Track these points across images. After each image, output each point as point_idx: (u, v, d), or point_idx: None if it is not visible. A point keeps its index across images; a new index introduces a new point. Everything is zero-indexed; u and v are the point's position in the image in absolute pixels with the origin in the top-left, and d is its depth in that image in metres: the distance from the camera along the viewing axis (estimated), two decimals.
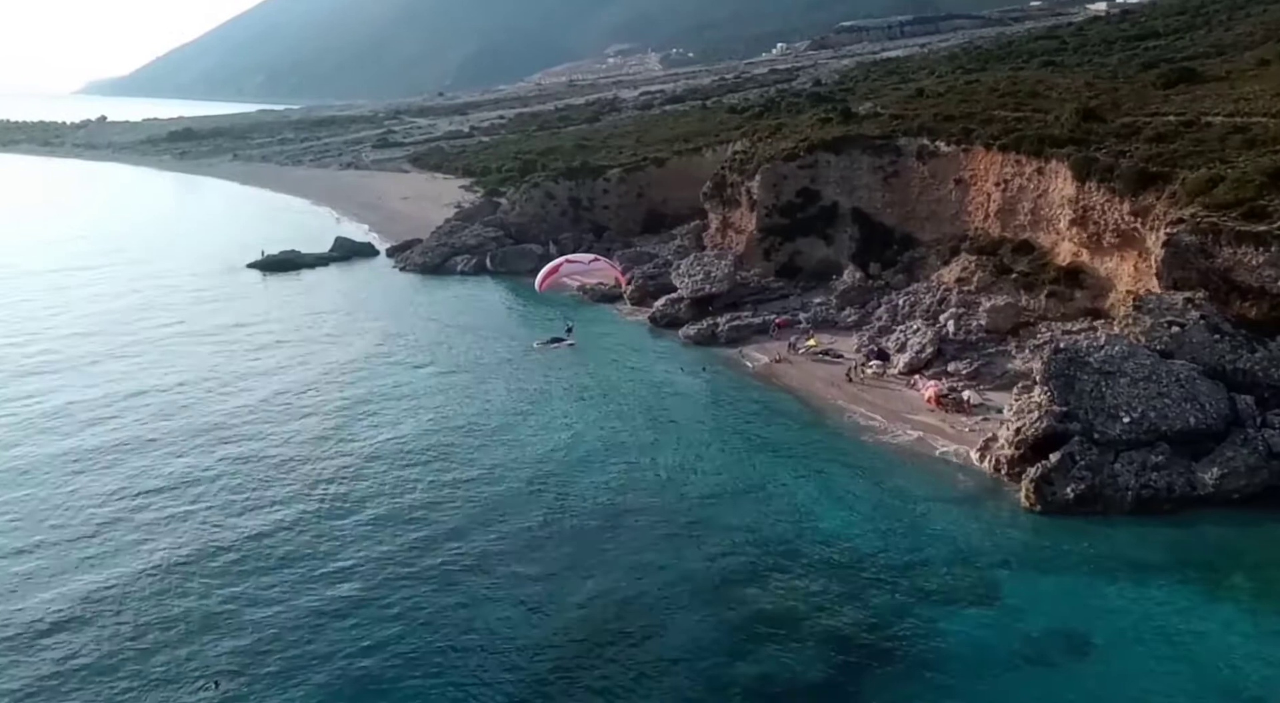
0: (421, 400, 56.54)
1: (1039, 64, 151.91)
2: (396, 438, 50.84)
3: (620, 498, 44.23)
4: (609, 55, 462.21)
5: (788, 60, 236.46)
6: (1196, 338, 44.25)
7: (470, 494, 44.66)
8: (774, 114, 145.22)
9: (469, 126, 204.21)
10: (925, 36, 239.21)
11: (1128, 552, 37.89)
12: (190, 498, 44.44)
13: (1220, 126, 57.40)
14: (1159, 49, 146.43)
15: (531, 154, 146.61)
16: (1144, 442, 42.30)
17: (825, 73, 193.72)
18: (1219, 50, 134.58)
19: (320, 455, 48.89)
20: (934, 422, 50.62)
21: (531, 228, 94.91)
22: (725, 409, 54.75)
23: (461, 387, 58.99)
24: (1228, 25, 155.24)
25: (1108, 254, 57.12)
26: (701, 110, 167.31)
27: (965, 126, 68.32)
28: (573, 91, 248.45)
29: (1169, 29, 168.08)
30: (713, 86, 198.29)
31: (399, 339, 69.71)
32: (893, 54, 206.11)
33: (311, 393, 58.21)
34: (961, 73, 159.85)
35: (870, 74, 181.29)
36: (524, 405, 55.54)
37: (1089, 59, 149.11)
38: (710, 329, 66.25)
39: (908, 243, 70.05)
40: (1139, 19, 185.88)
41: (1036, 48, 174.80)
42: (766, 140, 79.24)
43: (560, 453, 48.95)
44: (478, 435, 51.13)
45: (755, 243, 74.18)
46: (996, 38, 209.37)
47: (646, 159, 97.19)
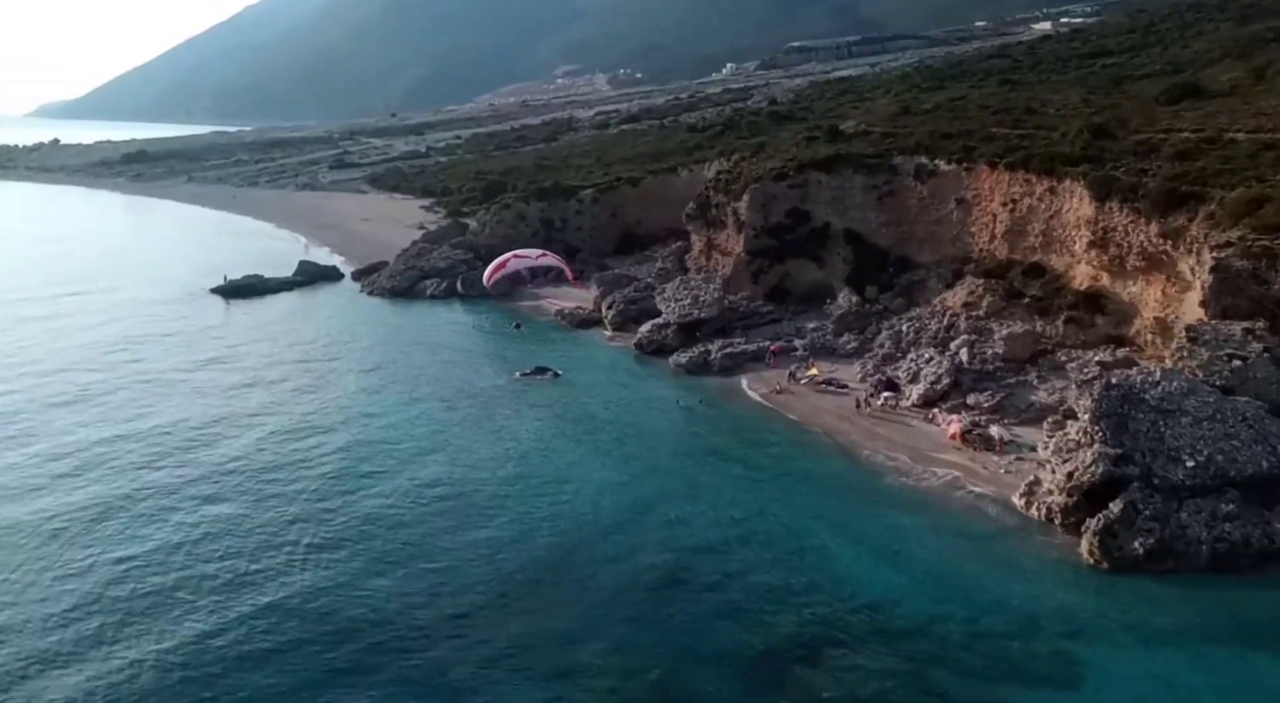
0: (409, 447, 49.37)
1: (996, 82, 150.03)
2: (396, 495, 43.73)
3: (637, 563, 37.96)
4: (558, 76, 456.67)
5: (740, 80, 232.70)
6: (1261, 373, 39.37)
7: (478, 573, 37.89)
8: (735, 132, 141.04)
9: (425, 147, 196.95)
10: (874, 56, 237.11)
11: (1214, 619, 32.51)
12: (175, 578, 36.91)
13: (1247, 143, 53.10)
14: (1115, 67, 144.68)
15: (492, 174, 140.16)
16: (1210, 488, 37.11)
17: (779, 92, 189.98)
18: (1176, 68, 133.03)
19: (316, 515, 41.78)
20: (963, 461, 45.16)
21: (503, 249, 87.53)
22: (733, 450, 48.66)
23: (445, 428, 52.10)
24: (1183, 43, 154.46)
25: (1131, 278, 52.40)
26: (660, 129, 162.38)
27: (965, 144, 63.51)
28: (527, 112, 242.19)
29: (1121, 47, 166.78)
30: (668, 106, 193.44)
31: (374, 373, 62.60)
32: (844, 73, 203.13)
33: (296, 441, 50.44)
34: (917, 91, 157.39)
35: (825, 93, 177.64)
36: (517, 449, 48.81)
37: (1046, 78, 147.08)
38: (702, 357, 60.37)
39: (904, 265, 64.96)
40: (1090, 38, 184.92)
41: (990, 67, 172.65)
42: (751, 159, 73.72)
43: (567, 509, 42.49)
44: (472, 491, 44.15)
45: (743, 265, 68.58)
46: (946, 57, 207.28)
47: (620, 179, 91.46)
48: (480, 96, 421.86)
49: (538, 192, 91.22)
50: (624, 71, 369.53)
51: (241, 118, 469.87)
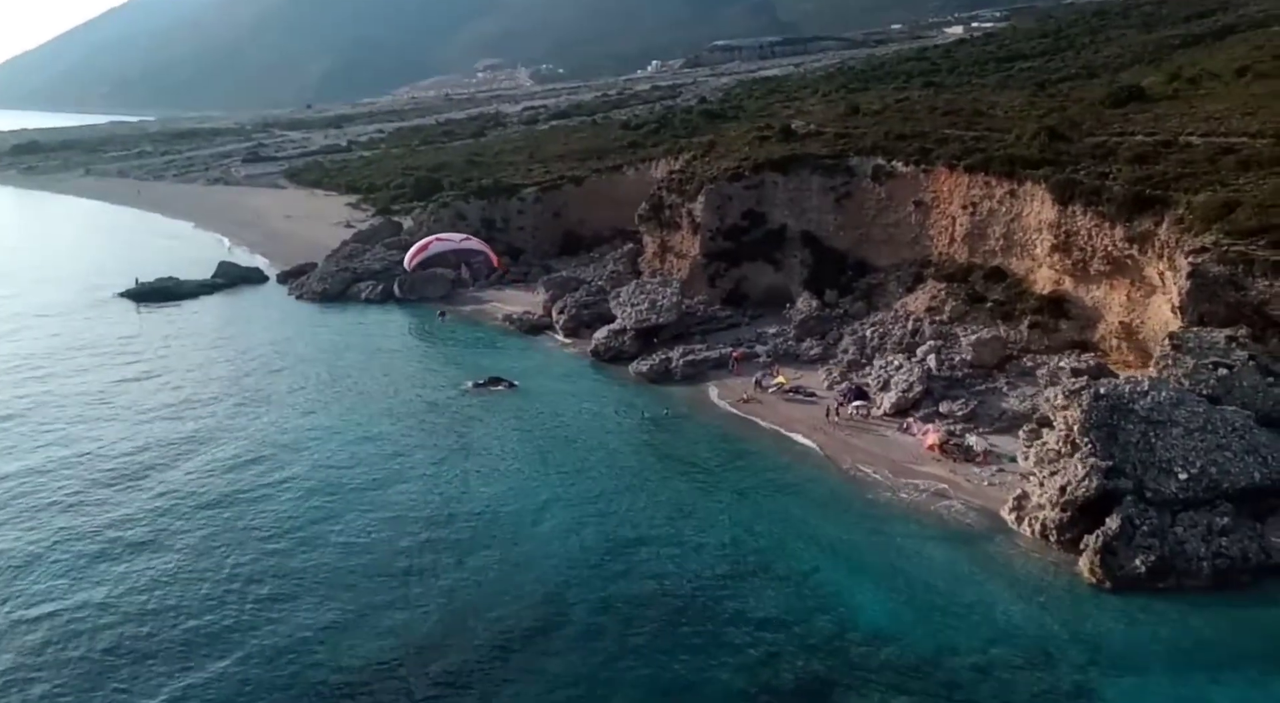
0: (361, 474, 45.65)
1: (920, 84, 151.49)
2: (355, 532, 40.18)
3: (625, 594, 35.49)
4: (478, 70, 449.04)
5: (667, 77, 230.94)
6: (1247, 381, 38.80)
7: (441, 610, 34.98)
8: (669, 130, 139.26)
9: (346, 140, 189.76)
10: (796, 57, 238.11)
11: (1226, 641, 31.41)
12: (104, 647, 32.84)
13: (1203, 147, 52.99)
14: (1032, 70, 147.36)
15: (421, 170, 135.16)
16: (1203, 500, 36.33)
17: (707, 90, 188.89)
18: (1090, 72, 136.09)
19: (264, 560, 37.94)
20: (945, 473, 43.78)
21: None
22: (709, 465, 46.40)
23: (398, 450, 48.52)
24: (1095, 48, 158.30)
25: (1095, 282, 51.86)
26: (592, 126, 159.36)
27: (922, 145, 62.46)
28: (450, 106, 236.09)
29: (1035, 51, 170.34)
30: (597, 102, 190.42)
31: (314, 387, 58.33)
32: (770, 73, 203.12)
33: (235, 472, 46.07)
34: (844, 92, 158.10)
35: (753, 92, 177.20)
36: (480, 472, 45.72)
37: (967, 80, 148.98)
38: (664, 365, 57.98)
39: (862, 268, 63.67)
40: (1004, 42, 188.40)
41: (910, 69, 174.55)
42: (703, 159, 71.57)
43: (543, 538, 39.71)
44: (437, 525, 40.83)
45: (699, 268, 66.43)
46: (867, 59, 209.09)
47: (563, 177, 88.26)
48: (398, 89, 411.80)
49: (478, 190, 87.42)
50: (546, 66, 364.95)
51: (141, 107, 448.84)
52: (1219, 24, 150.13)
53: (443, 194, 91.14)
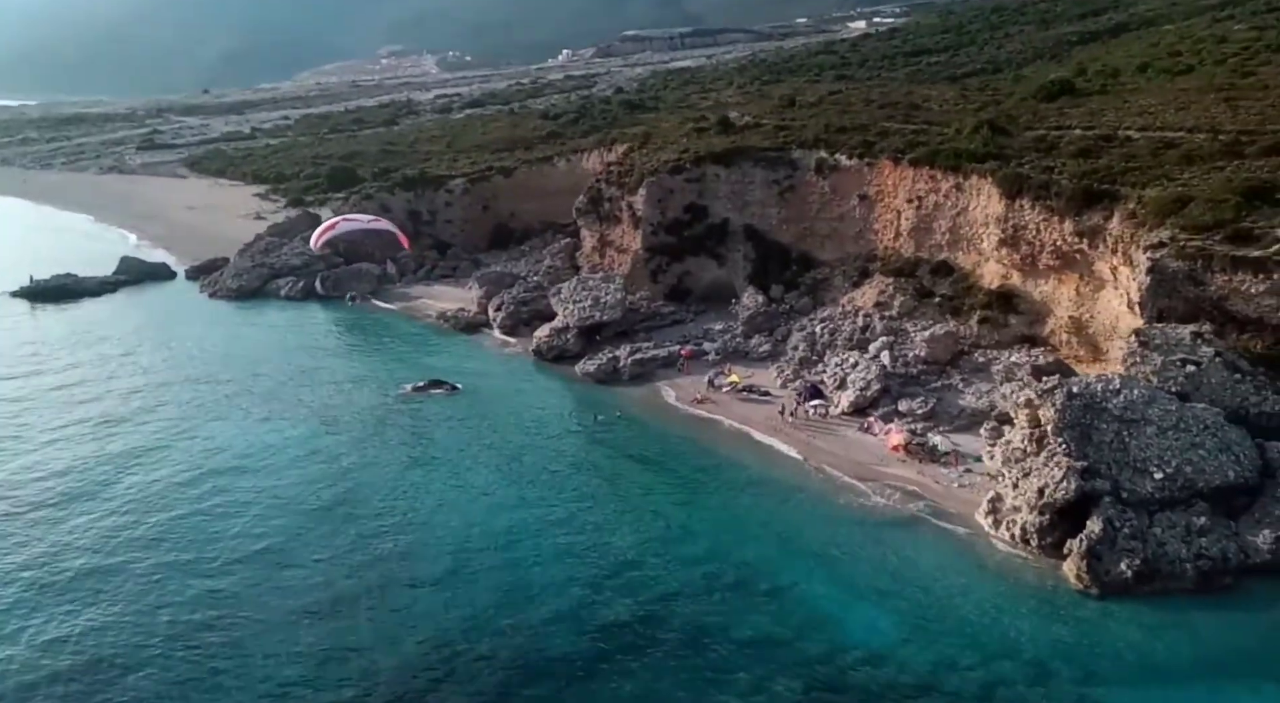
0: (302, 493, 41.63)
1: (833, 77, 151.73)
2: (307, 564, 36.30)
3: (599, 618, 32.84)
4: (382, 56, 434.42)
5: (579, 67, 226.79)
6: (1215, 378, 38.12)
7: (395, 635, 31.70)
8: (588, 120, 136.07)
9: (250, 127, 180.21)
10: (706, 48, 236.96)
11: (1220, 646, 30.49)
12: None
13: (1144, 141, 52.68)
14: (939, 65, 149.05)
15: (333, 159, 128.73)
16: (1178, 500, 35.59)
17: (622, 80, 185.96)
18: (995, 67, 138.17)
19: (204, 603, 33.80)
20: (913, 475, 42.25)
21: (365, 244, 79.59)
22: (671, 472, 43.88)
23: (337, 461, 44.62)
24: (997, 44, 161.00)
25: (1043, 277, 51.05)
26: (509, 115, 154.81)
27: (864, 139, 60.95)
28: (358, 92, 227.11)
29: (939, 46, 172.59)
30: (511, 91, 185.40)
31: (239, 396, 53.70)
32: (683, 64, 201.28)
33: (161, 499, 41.32)
34: (759, 84, 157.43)
35: (668, 83, 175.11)
36: (427, 484, 42.31)
37: (877, 74, 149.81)
38: (611, 365, 55.20)
39: (807, 263, 61.91)
40: (908, 37, 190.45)
41: (822, 62, 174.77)
42: (641, 150, 68.78)
43: (504, 557, 36.62)
44: (387, 545, 37.39)
45: (641, 263, 63.74)
46: (776, 52, 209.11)
47: (492, 169, 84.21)
48: (298, 74, 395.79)
49: (403, 181, 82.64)
50: (453, 54, 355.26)
51: (20, 91, 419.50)
52: (1112, 22, 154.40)
53: (365, 185, 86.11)
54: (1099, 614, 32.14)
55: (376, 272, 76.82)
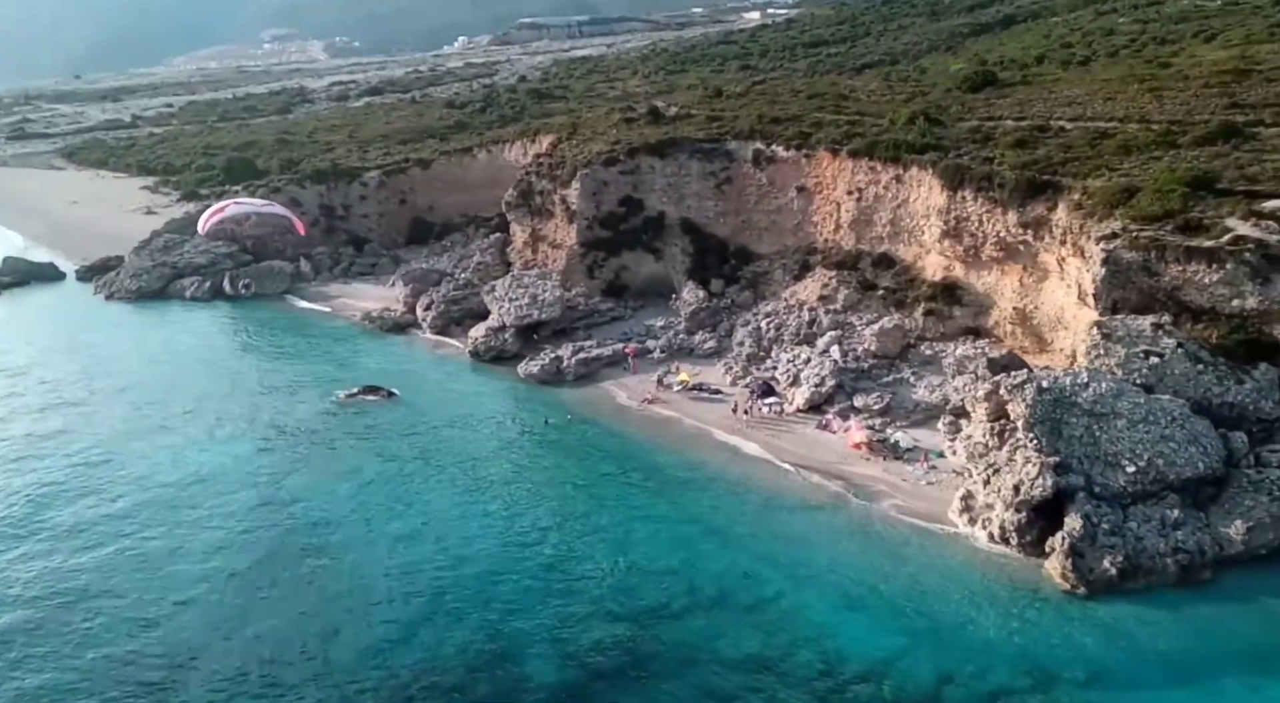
0: (220, 514, 37.69)
1: (736, 68, 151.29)
2: (239, 591, 32.73)
3: (579, 642, 30.37)
4: (265, 41, 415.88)
5: (477, 55, 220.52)
6: (1178, 369, 37.88)
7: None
8: (495, 109, 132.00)
9: (131, 115, 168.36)
10: (604, 37, 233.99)
11: (1212, 643, 29.88)
12: None
13: (1077, 132, 52.67)
14: (839, 56, 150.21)
15: (227, 149, 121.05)
16: (1150, 493, 35.27)
17: (524, 68, 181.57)
18: (893, 58, 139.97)
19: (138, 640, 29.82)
20: (878, 473, 41.03)
21: (275, 241, 74.33)
22: (632, 478, 41.48)
23: (271, 478, 40.69)
24: (893, 35, 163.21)
25: (986, 268, 50.56)
26: (411, 103, 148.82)
27: (800, 130, 59.52)
28: (245, 79, 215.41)
29: (836, 38, 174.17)
30: (410, 79, 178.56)
31: (151, 406, 48.97)
32: (584, 53, 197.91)
33: (79, 536, 36.72)
34: (664, 73, 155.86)
35: (572, 71, 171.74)
36: (374, 499, 38.85)
37: (780, 64, 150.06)
38: (555, 365, 52.43)
39: (746, 256, 60.26)
40: (804, 28, 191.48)
41: (724, 52, 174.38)
42: (570, 141, 65.82)
43: (466, 578, 33.69)
44: (333, 569, 34.04)
45: (577, 259, 60.96)
46: (676, 41, 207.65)
47: (409, 160, 79.65)
48: (173, 59, 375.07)
49: (314, 173, 77.34)
50: (341, 39, 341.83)
51: None
52: (1000, 14, 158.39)
53: (272, 177, 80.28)
54: (1088, 614, 31.35)
55: (289, 269, 71.76)
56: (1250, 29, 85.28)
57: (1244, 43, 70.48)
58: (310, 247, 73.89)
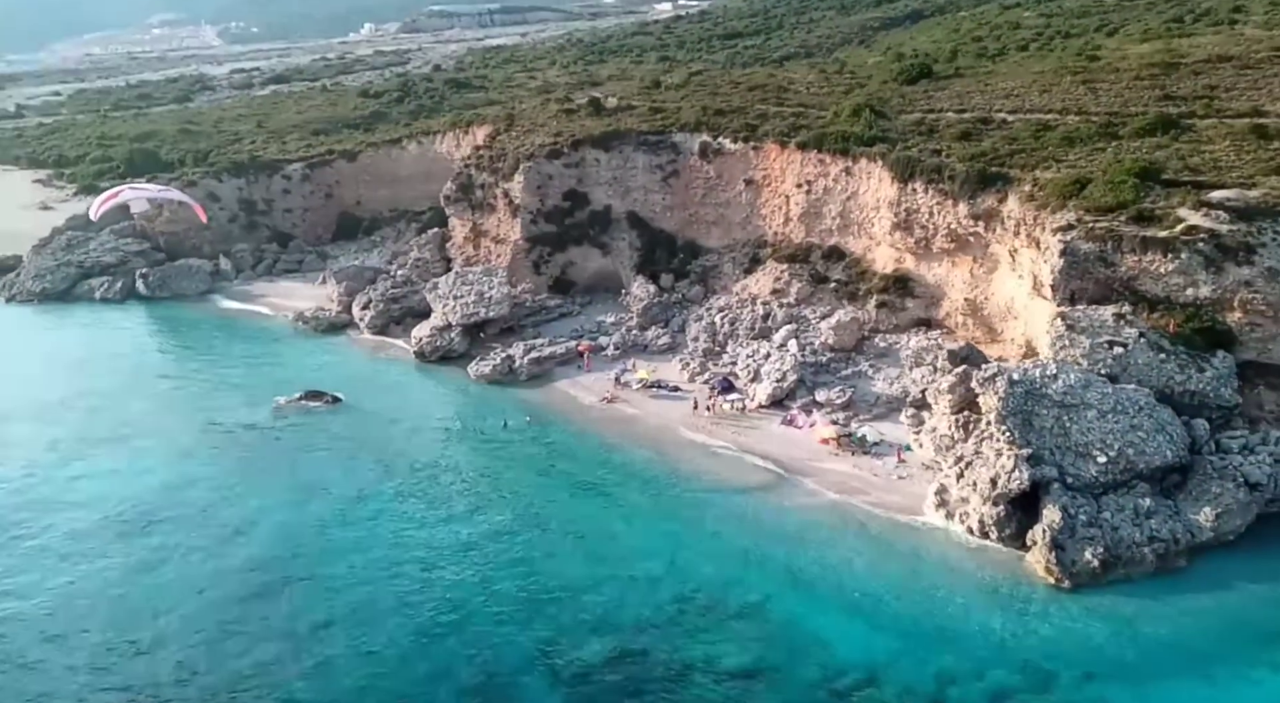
0: (158, 541, 34.73)
1: (655, 59, 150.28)
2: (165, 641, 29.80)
3: (570, 659, 28.95)
4: (153, 26, 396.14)
5: (386, 42, 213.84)
6: (1142, 359, 38.32)
7: None
8: (413, 99, 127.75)
9: (14, 105, 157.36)
10: (517, 26, 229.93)
11: (1199, 631, 30.12)
12: None
13: (1020, 124, 53.14)
14: (756, 48, 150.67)
15: (123, 139, 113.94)
16: (1120, 482, 35.58)
17: (438, 57, 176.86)
18: (808, 51, 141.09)
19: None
20: (849, 469, 40.54)
21: (191, 238, 69.84)
22: (602, 481, 39.98)
23: (213, 494, 37.68)
24: (806, 28, 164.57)
25: (937, 260, 50.65)
26: (322, 92, 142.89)
27: (746, 122, 58.66)
28: (138, 66, 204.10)
29: (750, 30, 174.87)
30: (318, 67, 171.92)
31: (68, 418, 45.00)
32: (498, 42, 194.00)
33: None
34: (584, 64, 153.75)
35: (488, 61, 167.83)
36: (330, 512, 36.52)
37: (698, 55, 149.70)
38: (507, 365, 50.45)
39: (694, 250, 59.25)
40: (718, 20, 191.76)
41: (641, 43, 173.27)
42: (509, 133, 63.58)
43: (442, 594, 31.77)
44: (294, 590, 31.64)
45: (522, 254, 58.93)
46: (591, 31, 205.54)
47: (334, 152, 75.82)
48: (51, 44, 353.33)
49: (232, 166, 72.90)
50: (236, 24, 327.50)
51: None
52: (909, 9, 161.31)
53: (186, 170, 75.31)
54: (1076, 608, 31.43)
55: (208, 268, 67.59)
56: (1147, 23, 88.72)
57: (1166, 36, 72.47)
58: (229, 243, 69.75)
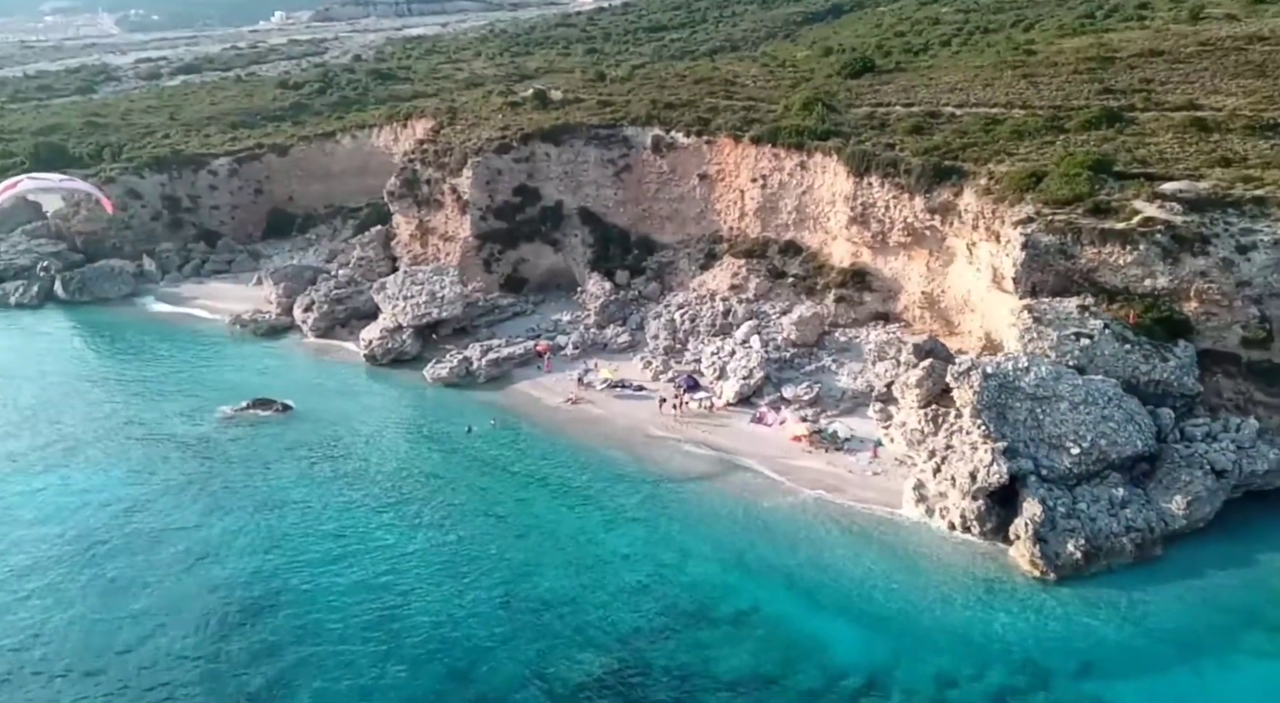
0: (101, 560, 32.30)
1: (583, 52, 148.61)
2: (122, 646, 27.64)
3: (548, 662, 28.24)
4: (46, 13, 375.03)
5: (300, 31, 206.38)
6: (1108, 350, 38.80)
7: None
8: (335, 90, 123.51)
9: None
10: (435, 15, 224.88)
11: (1187, 619, 30.50)
12: None
13: (970, 118, 53.52)
14: (681, 41, 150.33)
15: (23, 133, 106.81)
16: (1093, 473, 36.04)
17: (357, 47, 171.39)
18: (733, 45, 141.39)
19: None
20: (824, 467, 40.25)
21: (111, 237, 65.82)
22: (576, 484, 38.84)
23: (160, 513, 35.23)
24: (731, 22, 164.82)
25: (894, 254, 50.77)
26: (237, 83, 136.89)
27: (698, 115, 57.88)
28: (33, 55, 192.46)
29: (675, 23, 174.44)
30: (230, 56, 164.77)
31: (5, 435, 41.38)
32: (418, 32, 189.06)
33: None
34: (510, 55, 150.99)
35: (409, 51, 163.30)
36: (291, 528, 34.48)
37: (625, 48, 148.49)
38: (465, 367, 48.76)
39: (648, 246, 58.28)
40: (641, 13, 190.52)
41: (566, 35, 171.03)
42: (453, 126, 61.47)
43: (405, 609, 30.45)
44: (243, 601, 29.75)
45: (472, 252, 57.10)
46: (513, 22, 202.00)
47: (263, 146, 72.27)
48: None
49: (153, 161, 68.78)
50: (136, 12, 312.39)
51: None
52: (829, 3, 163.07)
53: (104, 166, 70.68)
54: (1063, 601, 31.60)
55: (131, 269, 63.81)
56: (1060, 19, 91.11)
57: (1081, 32, 74.17)
58: (153, 243, 65.96)
